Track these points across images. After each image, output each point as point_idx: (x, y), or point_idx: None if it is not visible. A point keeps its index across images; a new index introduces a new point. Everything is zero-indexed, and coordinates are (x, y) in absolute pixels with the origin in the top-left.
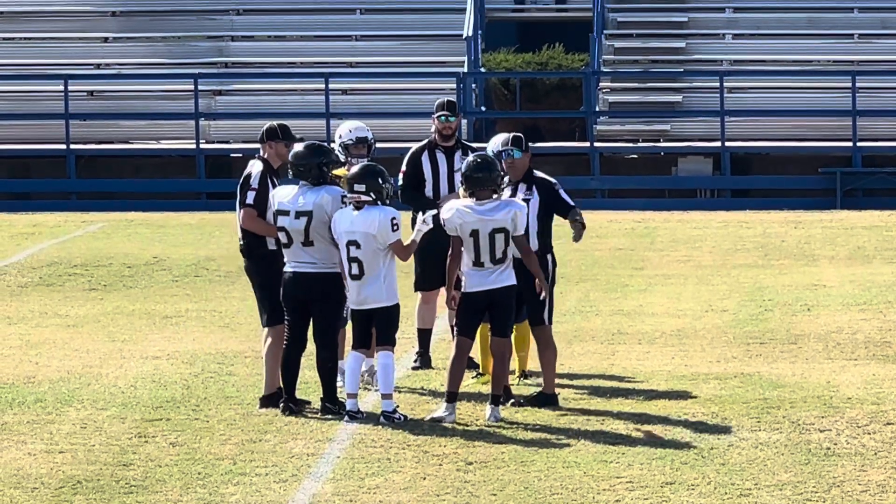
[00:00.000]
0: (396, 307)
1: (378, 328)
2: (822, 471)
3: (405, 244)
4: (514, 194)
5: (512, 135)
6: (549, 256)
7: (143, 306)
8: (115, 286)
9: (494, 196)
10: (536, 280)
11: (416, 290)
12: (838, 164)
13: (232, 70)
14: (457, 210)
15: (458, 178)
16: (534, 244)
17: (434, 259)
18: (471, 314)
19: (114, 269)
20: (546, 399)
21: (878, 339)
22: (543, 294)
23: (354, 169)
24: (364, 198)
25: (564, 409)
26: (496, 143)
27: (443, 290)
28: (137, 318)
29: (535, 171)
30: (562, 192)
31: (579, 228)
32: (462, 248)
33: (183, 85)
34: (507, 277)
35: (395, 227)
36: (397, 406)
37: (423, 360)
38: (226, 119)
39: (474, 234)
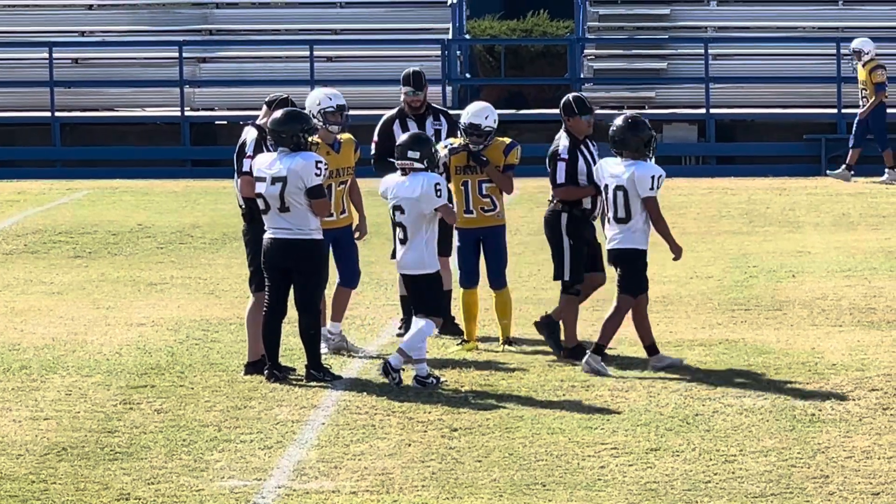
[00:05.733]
0: (435, 276)
1: (417, 296)
2: (807, 437)
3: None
4: (588, 150)
5: (581, 97)
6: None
7: (128, 273)
8: (99, 253)
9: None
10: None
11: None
12: (823, 131)
13: (216, 37)
14: (598, 165)
15: None
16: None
17: None
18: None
19: (98, 237)
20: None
21: (863, 306)
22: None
23: (404, 137)
24: (417, 165)
25: (549, 375)
26: (466, 111)
27: None
28: (122, 285)
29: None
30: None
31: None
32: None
33: (167, 52)
34: (630, 239)
35: (439, 193)
36: (430, 372)
37: (408, 327)
38: (210, 86)
39: (605, 189)
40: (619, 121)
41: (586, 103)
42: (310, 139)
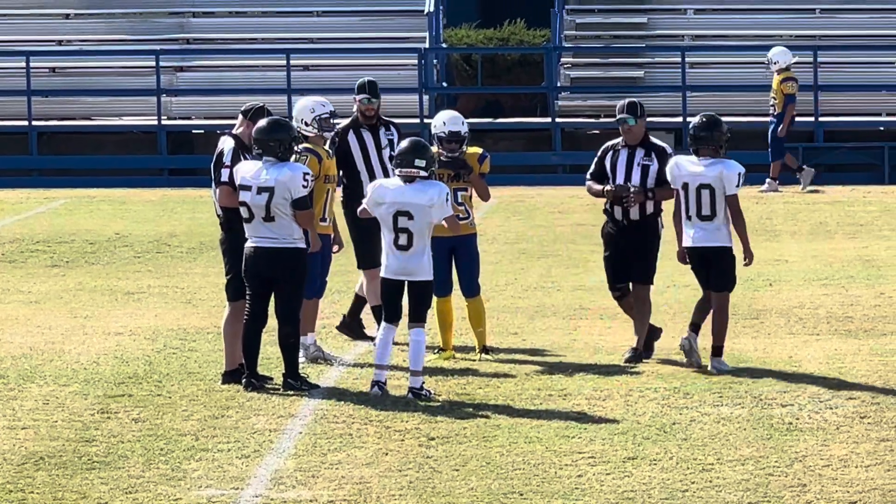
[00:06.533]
0: (431, 283)
1: (412, 303)
2: (785, 445)
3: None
4: (632, 159)
5: (627, 101)
6: (659, 219)
7: (106, 282)
8: (77, 262)
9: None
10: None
11: (360, 268)
12: (800, 140)
13: (193, 46)
14: (674, 164)
15: (386, 154)
16: (650, 207)
17: (373, 237)
18: (693, 268)
19: (76, 246)
20: (639, 356)
21: (840, 314)
22: (747, 261)
23: (405, 144)
24: (422, 173)
25: (526, 384)
26: (434, 120)
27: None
28: (100, 294)
29: (650, 137)
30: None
31: (641, 196)
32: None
33: (144, 61)
34: (717, 237)
35: (448, 203)
36: (424, 382)
37: None
38: (187, 95)
39: (685, 187)
40: (698, 119)
41: (624, 108)
42: (295, 148)
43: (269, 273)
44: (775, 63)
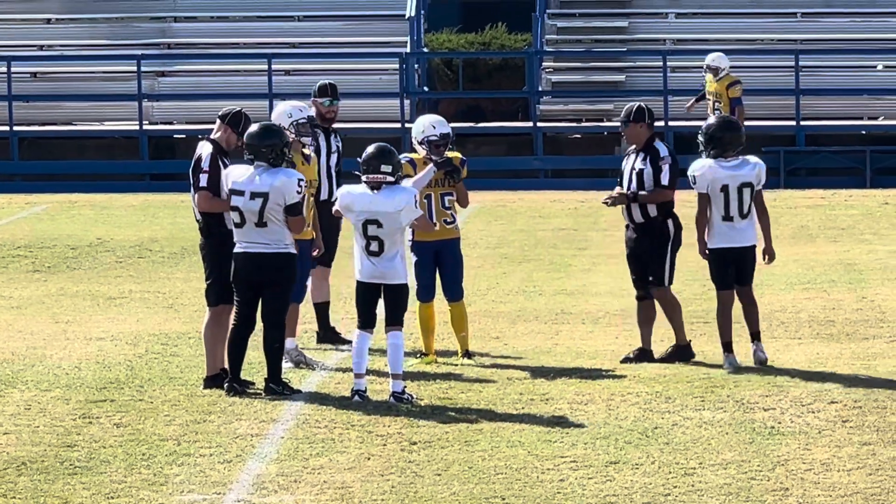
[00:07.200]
0: (407, 287)
1: (388, 307)
2: (767, 449)
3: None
4: (632, 164)
5: (627, 106)
6: (669, 221)
7: (87, 287)
8: (58, 268)
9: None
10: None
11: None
12: (781, 143)
13: (175, 51)
14: (707, 167)
15: (333, 159)
16: (652, 210)
17: (320, 232)
18: (722, 268)
19: (58, 251)
20: (682, 351)
21: (822, 318)
22: (767, 259)
23: (371, 149)
24: (389, 178)
25: (508, 388)
26: (421, 124)
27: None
28: (81, 299)
29: (655, 141)
30: (664, 167)
31: (623, 199)
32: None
33: (126, 66)
34: (754, 235)
35: (417, 205)
36: (405, 386)
37: (327, 336)
38: (169, 100)
39: (724, 189)
40: (718, 122)
41: (623, 113)
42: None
43: (260, 277)
44: (723, 70)
